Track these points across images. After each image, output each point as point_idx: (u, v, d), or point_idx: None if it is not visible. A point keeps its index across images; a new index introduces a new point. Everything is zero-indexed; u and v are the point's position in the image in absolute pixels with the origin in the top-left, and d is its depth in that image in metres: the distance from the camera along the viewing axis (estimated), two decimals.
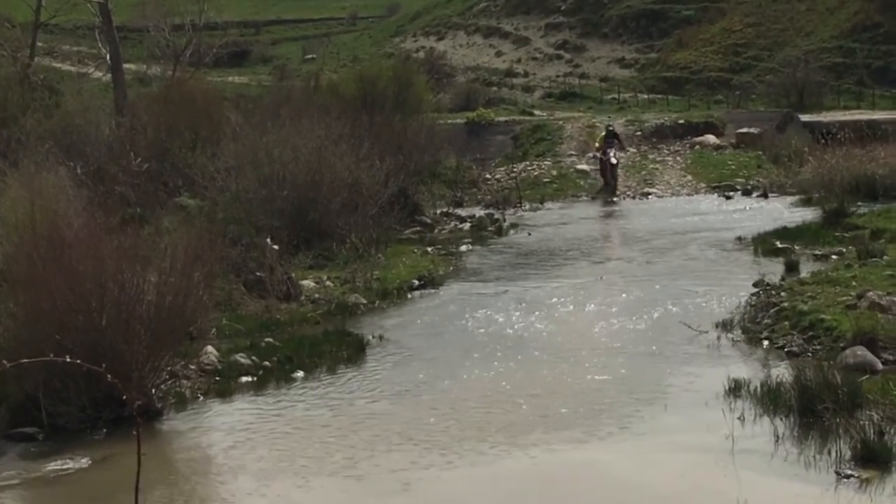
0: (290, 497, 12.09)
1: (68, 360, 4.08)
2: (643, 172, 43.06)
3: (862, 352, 15.17)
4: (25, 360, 4.35)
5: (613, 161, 39.59)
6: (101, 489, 12.26)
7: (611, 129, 41.61)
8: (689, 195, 39.25)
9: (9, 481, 13.08)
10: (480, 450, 13.26)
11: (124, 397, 3.30)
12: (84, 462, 13.48)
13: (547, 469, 12.68)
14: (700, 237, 28.69)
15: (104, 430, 14.40)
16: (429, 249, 28.33)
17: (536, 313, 20.32)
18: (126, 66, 49.61)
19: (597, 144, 41.16)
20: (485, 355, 17.61)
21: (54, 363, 10.88)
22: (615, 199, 38.77)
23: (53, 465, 13.46)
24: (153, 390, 15.55)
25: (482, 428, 14.07)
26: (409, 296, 23.16)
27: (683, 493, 11.57)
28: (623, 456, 12.88)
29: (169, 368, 16.15)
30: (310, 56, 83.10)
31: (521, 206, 37.71)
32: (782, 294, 19.20)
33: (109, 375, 3.91)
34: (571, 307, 20.74)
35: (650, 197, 39.44)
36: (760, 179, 40.15)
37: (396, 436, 13.95)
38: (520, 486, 12.13)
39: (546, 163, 45.44)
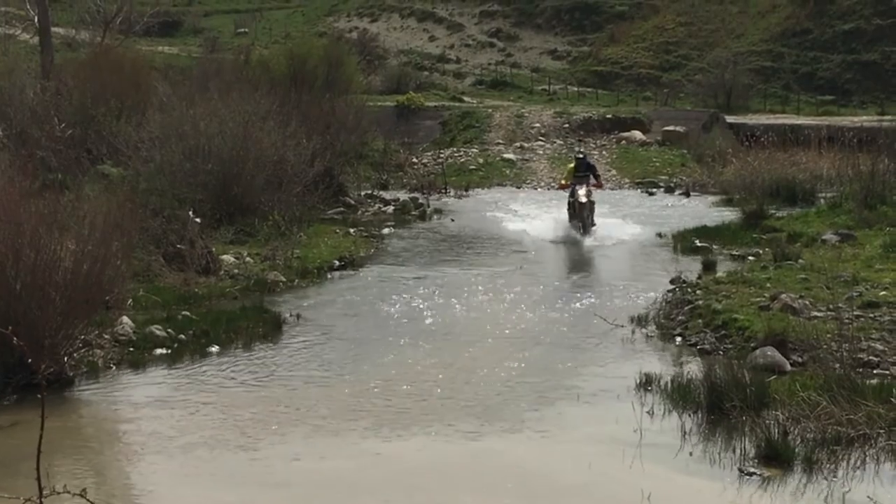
0: (191, 471, 12.04)
1: None
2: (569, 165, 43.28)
3: (772, 352, 15.39)
4: None
5: (583, 200, 28.34)
6: (6, 455, 12.14)
7: (582, 157, 30.41)
8: (612, 189, 39.53)
9: None
10: (380, 434, 13.26)
11: (30, 361, 3.30)
12: None
13: (447, 457, 12.74)
14: (621, 231, 28.91)
15: (14, 396, 14.26)
16: (351, 231, 28.36)
17: (454, 300, 20.41)
18: (54, 29, 49.00)
19: (563, 179, 30.53)
20: (400, 339, 17.66)
21: None
22: (584, 236, 28.07)
23: None
24: (66, 358, 15.42)
25: (386, 412, 14.09)
26: (329, 276, 23.18)
27: (589, 484, 11.70)
28: (530, 445, 12.98)
29: (83, 337, 16.02)
30: (242, 30, 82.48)
31: (446, 193, 37.84)
32: (698, 292, 19.45)
33: (16, 339, 3.92)
34: (490, 295, 20.86)
35: None
36: (684, 178, 40.61)
37: (300, 415, 13.93)
38: (416, 473, 12.16)
39: (473, 150, 45.62)
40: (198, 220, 22.37)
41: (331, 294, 21.39)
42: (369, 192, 36.04)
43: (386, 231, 29.13)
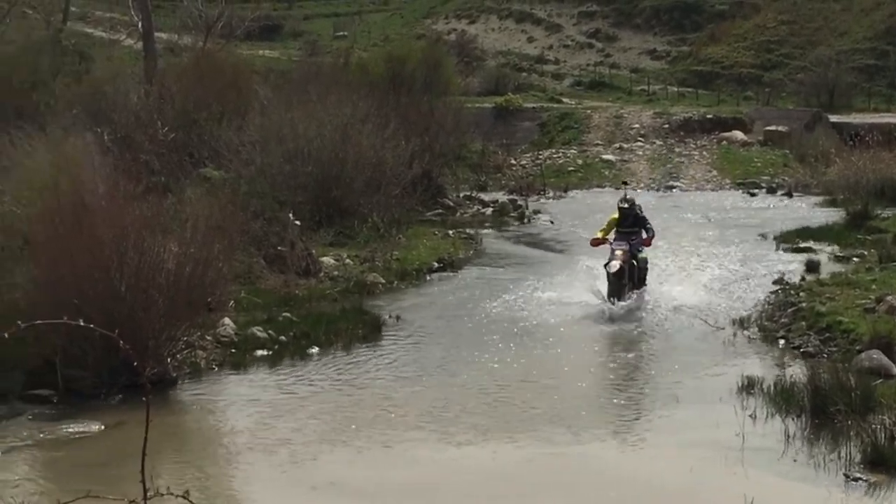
0: (294, 471, 12.12)
1: (82, 323, 4.11)
2: (668, 166, 42.99)
3: (878, 356, 15.11)
4: (40, 322, 4.38)
5: (614, 269, 20.01)
6: (112, 454, 12.33)
7: (628, 207, 21.09)
8: (713, 190, 39.19)
9: (23, 442, 13.18)
10: (474, 440, 13.24)
11: (136, 364, 3.34)
12: (97, 427, 13.56)
13: (550, 462, 12.68)
14: (722, 233, 28.64)
15: (119, 397, 14.48)
16: (450, 232, 28.36)
17: (554, 302, 20.31)
18: (157, 34, 49.58)
19: (599, 232, 21.57)
20: (499, 342, 17.62)
21: (73, 328, 10.97)
22: (616, 304, 19.91)
23: (67, 429, 13.55)
24: (169, 359, 15.62)
25: (488, 416, 14.07)
26: (428, 278, 23.22)
27: (691, 489, 11.57)
28: (632, 450, 12.89)
29: (185, 338, 16.22)
30: (341, 33, 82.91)
31: (544, 194, 37.73)
32: (801, 294, 19.17)
33: (122, 341, 3.95)
34: (589, 297, 20.71)
35: (674, 191, 39.39)
36: (786, 178, 40.07)
37: (403, 417, 13.96)
38: (519, 479, 12.13)
39: (572, 151, 45.42)
40: (298, 222, 22.53)
41: (430, 296, 21.42)
42: (468, 193, 36.03)
43: (484, 233, 29.12)
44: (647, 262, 21.12)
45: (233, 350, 16.95)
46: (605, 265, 20.15)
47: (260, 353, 17.00)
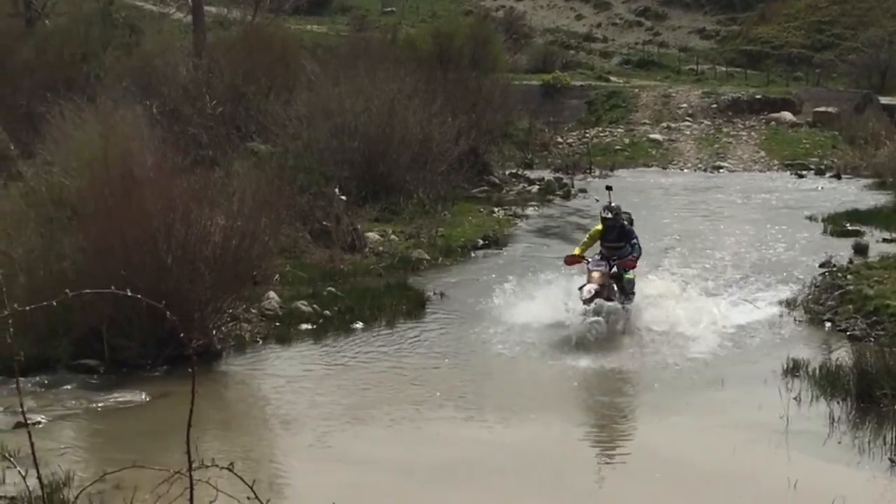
0: (335, 445, 12.15)
1: (129, 293, 4.13)
2: (716, 146, 42.72)
3: None
4: (88, 291, 4.41)
5: (587, 294, 16.72)
6: (156, 425, 12.42)
7: (612, 218, 17.81)
8: (761, 171, 38.92)
9: (69, 411, 13.31)
10: (520, 418, 13.23)
11: (182, 335, 3.34)
12: (142, 397, 13.67)
13: (593, 443, 12.68)
14: (770, 214, 28.46)
15: (164, 368, 14.59)
16: (495, 210, 28.32)
17: None
18: (207, 8, 49.72)
19: (577, 249, 18.13)
20: (545, 322, 17.56)
21: (120, 299, 11.03)
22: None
23: (113, 398, 13.67)
24: (214, 332, 15.71)
25: (528, 396, 14.05)
26: (473, 254, 23.20)
27: (734, 471, 11.51)
28: (675, 432, 12.83)
29: (231, 311, 16.31)
30: (389, 9, 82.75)
31: (590, 172, 37.55)
32: (849, 277, 19.02)
33: (168, 312, 3.97)
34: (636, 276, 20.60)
35: (721, 171, 39.15)
36: (835, 160, 39.73)
37: (441, 396, 13.95)
38: (559, 459, 12.11)
39: (619, 130, 45.23)
40: (343, 197, 22.58)
41: (474, 272, 21.40)
42: (514, 171, 35.93)
43: (530, 210, 29.05)
44: (633, 286, 17.65)
45: (277, 323, 17.03)
46: (580, 289, 16.90)
47: (304, 327, 17.07)
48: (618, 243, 17.67)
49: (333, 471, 11.27)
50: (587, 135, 44.60)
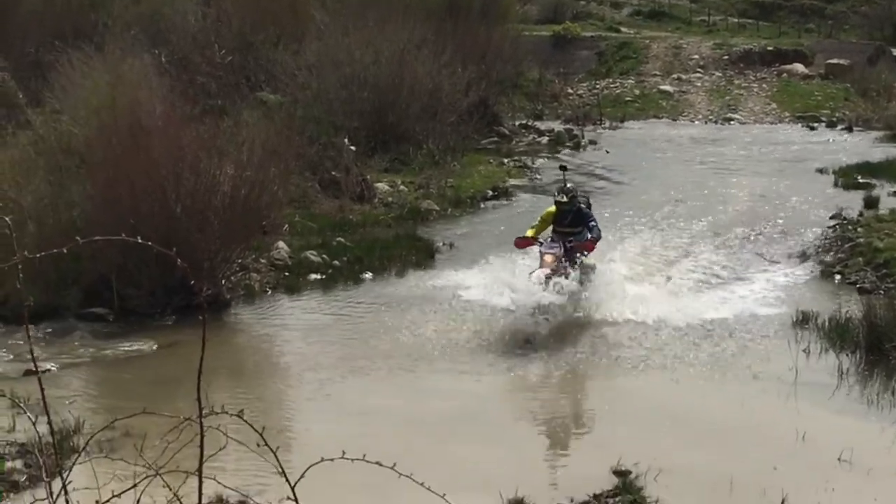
0: (344, 394, 12.17)
1: (139, 240, 4.11)
2: (727, 98, 42.50)
3: None
4: (98, 238, 4.39)
5: (539, 277, 15.09)
6: (166, 373, 12.45)
7: (567, 202, 16.17)
8: (772, 123, 38.73)
9: (79, 359, 13.36)
10: (526, 371, 13.29)
11: (192, 283, 3.31)
12: (151, 346, 13.70)
13: (601, 394, 12.69)
14: (780, 167, 28.38)
15: (173, 317, 14.62)
16: (505, 161, 28.26)
17: (609, 232, 20.19)
18: None
19: (529, 230, 16.28)
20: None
21: (129, 247, 11.04)
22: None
23: (122, 347, 13.71)
24: (223, 281, 15.73)
25: (531, 346, 14.03)
26: (482, 205, 23.18)
27: (744, 422, 11.51)
28: (684, 383, 12.83)
29: (240, 261, 16.33)
30: None
31: (600, 124, 37.42)
32: (859, 229, 18.97)
33: (179, 259, 3.95)
34: (646, 228, 20.59)
35: (732, 123, 38.98)
36: (846, 112, 39.51)
37: (447, 349, 13.92)
38: (565, 410, 12.15)
39: (629, 81, 45.00)
40: (353, 147, 22.55)
41: (484, 224, 21.39)
42: (523, 122, 35.82)
43: (540, 162, 28.96)
44: (593, 272, 15.94)
45: (286, 273, 17.05)
46: (530, 274, 15.30)
47: (313, 276, 17.09)
48: (573, 228, 16.06)
49: (342, 419, 11.30)
50: (597, 86, 44.40)
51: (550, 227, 16.26)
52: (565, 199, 16.02)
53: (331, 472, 4.26)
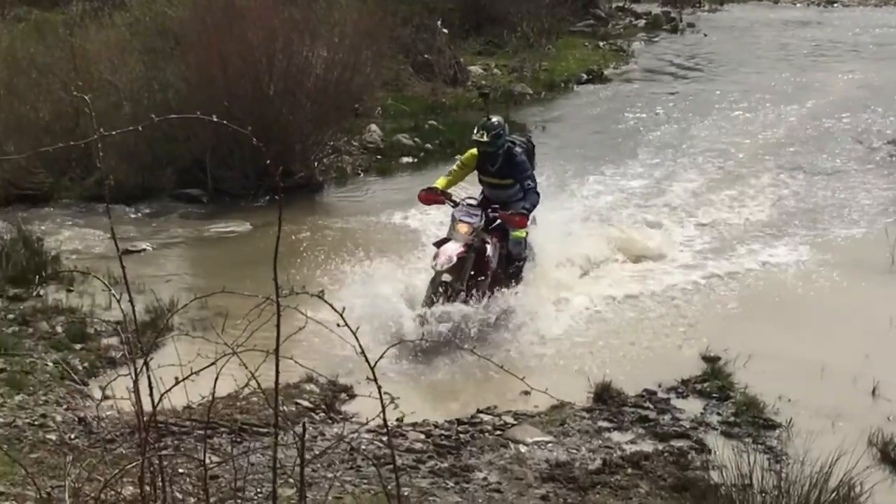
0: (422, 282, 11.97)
1: (214, 118, 4.13)
2: None
3: None
4: (173, 116, 4.45)
5: (443, 262, 10.77)
6: (258, 253, 12.52)
7: (486, 141, 11.15)
8: (877, 6, 37.63)
9: (173, 239, 13.58)
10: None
11: (268, 162, 3.33)
12: (244, 227, 13.87)
13: (700, 282, 12.59)
14: (882, 51, 27.63)
15: (266, 198, 14.74)
16: (600, 44, 27.83)
17: (705, 118, 19.93)
18: None
19: (439, 180, 11.66)
20: (644, 157, 17.41)
21: (222, 129, 11.08)
22: (428, 313, 10.44)
23: (215, 227, 13.90)
24: (315, 164, 15.81)
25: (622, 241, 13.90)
26: (576, 89, 22.95)
27: (836, 308, 11.40)
28: (778, 269, 12.70)
29: (332, 143, 16.39)
30: None
31: (699, 6, 36.64)
32: None
33: (266, 144, 3.97)
34: (743, 113, 20.26)
35: (835, 5, 37.97)
36: None
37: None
38: (663, 298, 12.10)
39: None
40: (446, 30, 22.37)
41: (577, 108, 21.20)
42: (620, 4, 35.16)
43: (636, 45, 28.51)
44: (526, 248, 11.76)
45: (378, 156, 17.09)
46: (434, 257, 11.02)
47: (405, 160, 17.12)
48: (501, 180, 11.57)
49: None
50: None
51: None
52: (486, 136, 11.21)
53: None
